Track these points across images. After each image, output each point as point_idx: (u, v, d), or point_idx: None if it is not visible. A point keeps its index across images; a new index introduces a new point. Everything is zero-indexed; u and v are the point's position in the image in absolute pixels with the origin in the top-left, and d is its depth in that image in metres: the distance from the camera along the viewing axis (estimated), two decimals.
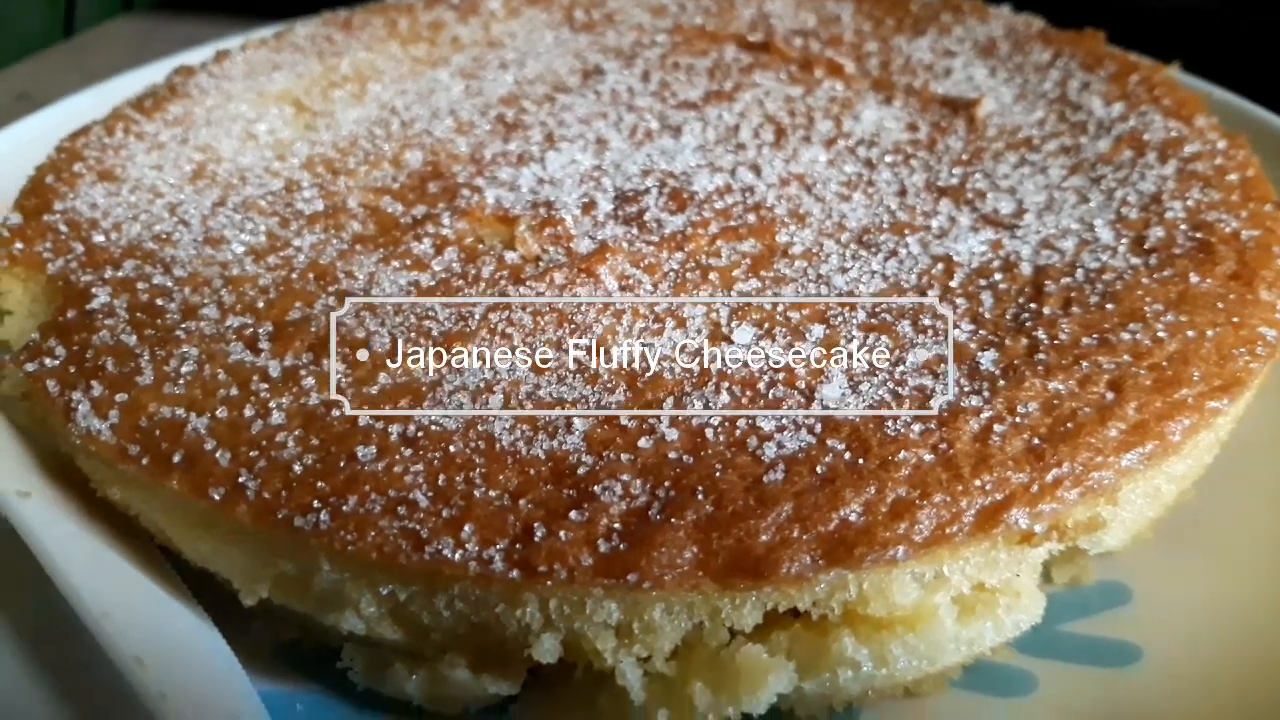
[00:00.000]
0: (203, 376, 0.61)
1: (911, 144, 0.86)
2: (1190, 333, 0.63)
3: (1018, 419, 0.57)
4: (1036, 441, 0.56)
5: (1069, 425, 0.57)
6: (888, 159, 0.83)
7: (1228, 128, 0.86)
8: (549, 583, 0.51)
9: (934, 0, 1.11)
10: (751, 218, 0.75)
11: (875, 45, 1.03)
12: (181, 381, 0.61)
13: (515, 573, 0.51)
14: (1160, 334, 0.63)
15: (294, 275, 0.69)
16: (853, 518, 0.53)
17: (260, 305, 0.66)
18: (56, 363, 0.63)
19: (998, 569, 0.56)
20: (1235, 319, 0.65)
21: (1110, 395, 0.59)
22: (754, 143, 0.86)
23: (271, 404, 0.59)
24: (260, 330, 0.64)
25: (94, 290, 0.69)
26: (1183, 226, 0.73)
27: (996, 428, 0.57)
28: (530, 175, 0.80)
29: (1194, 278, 0.68)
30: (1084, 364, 0.61)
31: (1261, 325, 0.65)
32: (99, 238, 0.74)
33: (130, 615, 0.54)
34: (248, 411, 0.59)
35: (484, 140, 0.86)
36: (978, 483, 0.54)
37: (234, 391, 0.60)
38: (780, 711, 0.60)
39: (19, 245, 0.74)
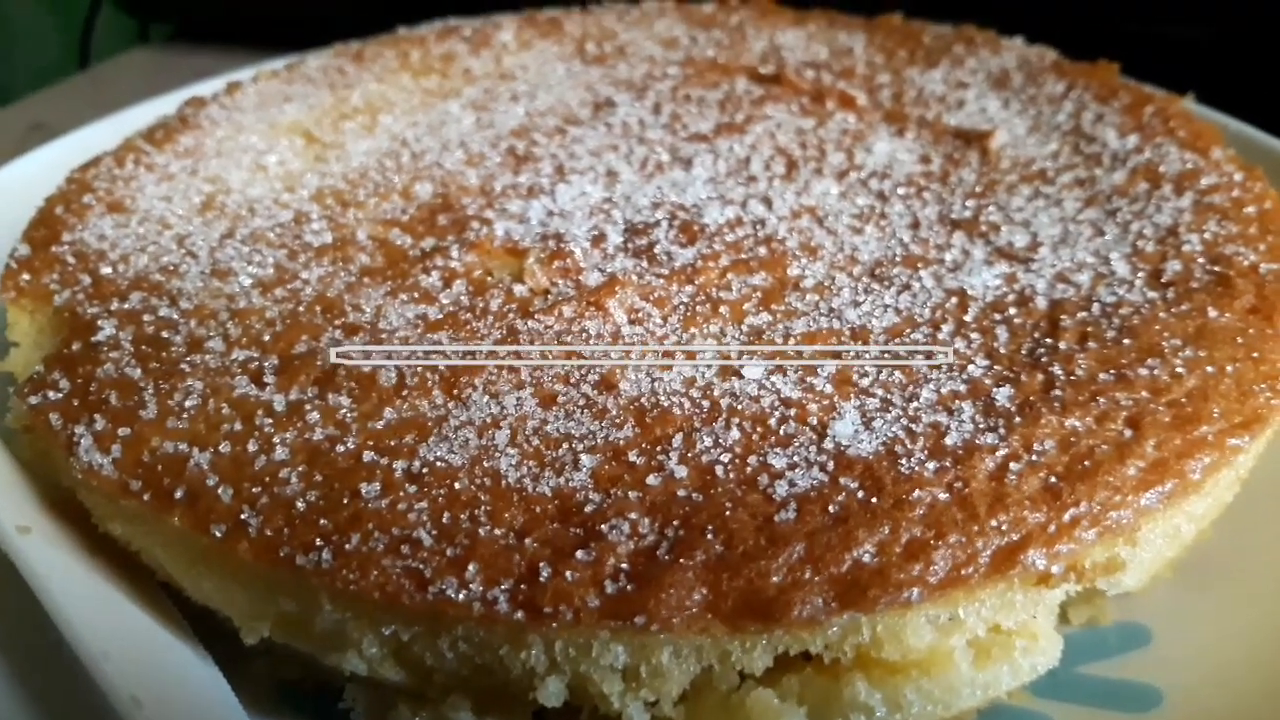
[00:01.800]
0: (206, 410, 0.61)
1: (924, 176, 0.85)
2: (1209, 368, 0.62)
3: (1034, 457, 0.56)
4: (1054, 480, 0.55)
5: (1086, 464, 0.56)
6: (900, 191, 0.83)
7: (1244, 159, 0.85)
8: (554, 624, 0.50)
9: (946, 32, 1.11)
10: (762, 250, 0.74)
11: (888, 77, 1.02)
12: (185, 416, 0.60)
13: (520, 614, 0.50)
14: (1179, 370, 0.62)
15: (300, 308, 0.68)
16: (866, 559, 0.51)
17: (266, 338, 0.65)
18: (60, 395, 0.63)
19: (1014, 611, 0.55)
20: (1255, 354, 0.64)
21: (1129, 432, 0.58)
22: (765, 175, 0.85)
23: (275, 439, 0.58)
24: (265, 364, 0.63)
25: (99, 323, 0.68)
26: (1200, 260, 0.72)
27: (1013, 466, 0.56)
28: (540, 208, 0.80)
29: (1212, 312, 0.67)
30: (1101, 400, 0.60)
31: None
32: (106, 269, 0.74)
33: (128, 653, 0.53)
34: (251, 446, 0.58)
35: (494, 172, 0.86)
36: (994, 523, 0.53)
37: (238, 426, 0.59)
38: None
39: (26, 277, 0.74)
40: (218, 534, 0.54)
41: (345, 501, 0.54)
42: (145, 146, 0.91)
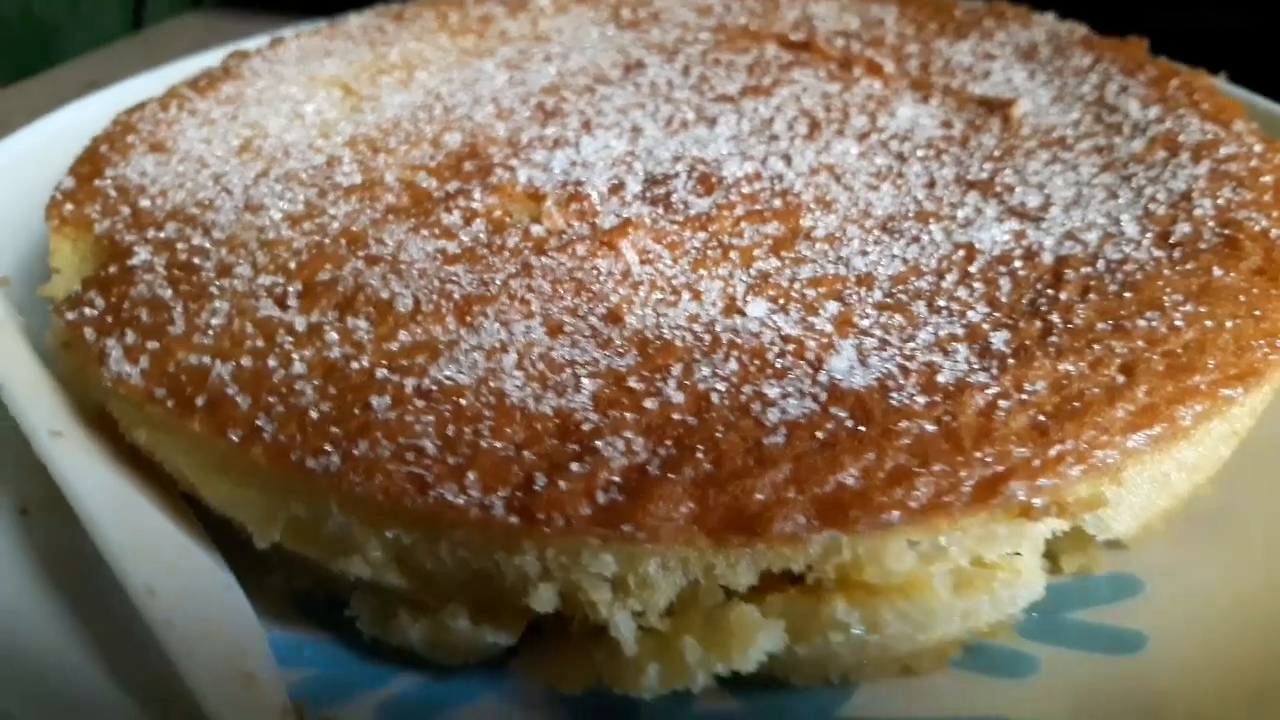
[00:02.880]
0: (231, 329, 0.63)
1: (945, 140, 0.86)
2: (1209, 323, 0.63)
3: (1024, 396, 0.57)
4: (1041, 418, 0.56)
5: (1076, 404, 0.57)
6: (919, 153, 0.84)
7: (1270, 135, 0.85)
8: (546, 530, 0.52)
9: (978, 6, 1.12)
10: (778, 203, 0.76)
11: (916, 47, 1.03)
12: (210, 332, 0.63)
13: (514, 519, 0.52)
14: (1178, 323, 0.63)
15: (326, 240, 0.71)
16: (850, 482, 0.53)
17: (291, 266, 0.68)
18: (95, 312, 0.66)
19: (997, 544, 0.56)
20: (1257, 312, 0.64)
21: (1121, 378, 0.59)
22: (787, 134, 0.87)
23: (294, 355, 0.61)
24: (290, 289, 0.66)
25: (135, 249, 0.72)
26: (1210, 223, 0.72)
27: (1002, 403, 0.57)
28: (564, 158, 0.82)
29: (1217, 271, 0.67)
30: (1097, 347, 0.61)
31: None
32: (145, 202, 0.77)
33: (146, 549, 0.56)
34: (271, 362, 0.61)
35: (522, 125, 0.88)
36: (979, 454, 0.54)
37: (260, 343, 0.62)
38: (777, 681, 0.60)
39: (70, 207, 0.78)
40: (235, 439, 0.57)
41: (356, 413, 0.57)
42: (189, 93, 0.95)
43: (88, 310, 0.66)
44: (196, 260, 0.70)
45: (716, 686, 0.59)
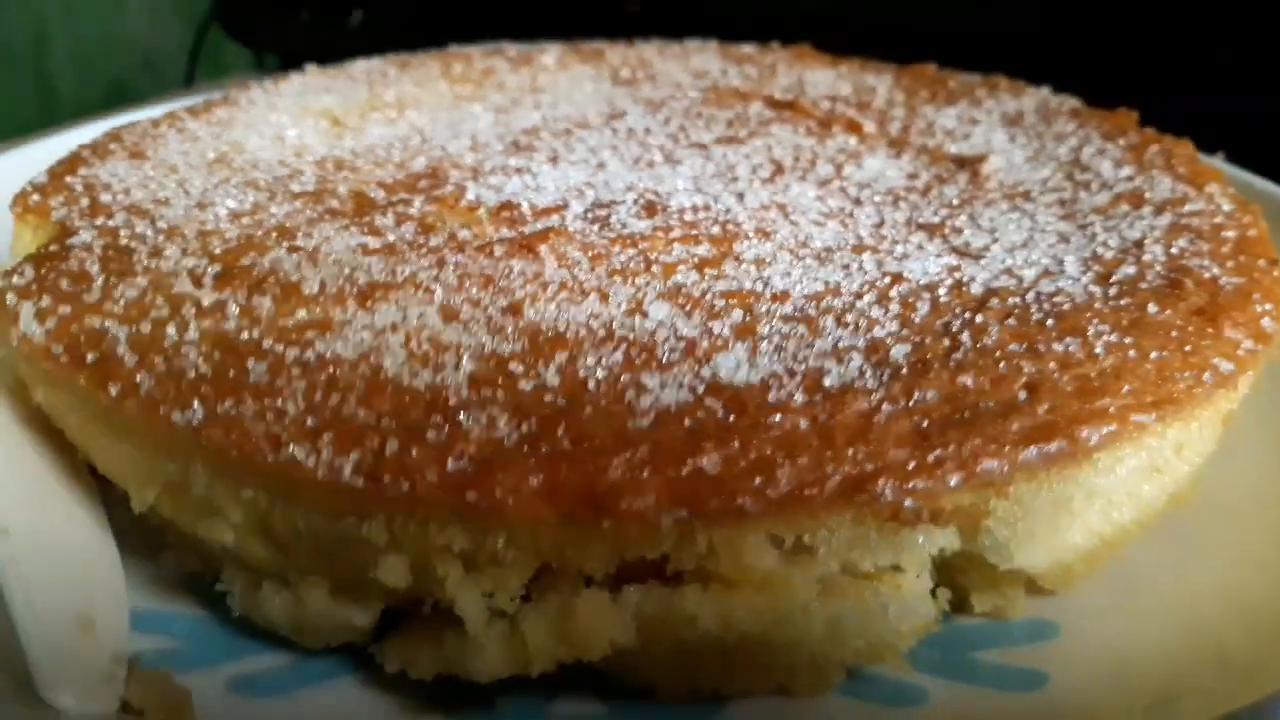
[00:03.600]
0: (143, 301, 0.64)
1: (906, 189, 0.85)
2: (1132, 353, 0.60)
3: (911, 403, 0.55)
4: (925, 424, 0.54)
5: (965, 414, 0.55)
6: (876, 199, 0.83)
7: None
8: (389, 494, 0.51)
9: (975, 79, 1.12)
10: (716, 229, 0.75)
11: (902, 111, 1.04)
12: (121, 302, 0.64)
13: (360, 481, 0.51)
14: (1097, 350, 0.60)
15: (259, 233, 0.72)
16: (708, 467, 0.51)
17: (217, 251, 0.69)
18: (22, 281, 0.68)
19: (871, 552, 0.53)
20: (1187, 347, 0.61)
21: (1024, 395, 0.56)
22: (748, 177, 0.87)
23: (191, 325, 0.61)
24: (209, 270, 0.67)
25: (81, 232, 0.74)
26: (1157, 267, 0.70)
27: (885, 408, 0.55)
28: (519, 183, 0.83)
29: (1152, 308, 0.65)
30: (1003, 365, 0.58)
31: (1217, 357, 0.61)
32: (106, 197, 0.80)
33: (14, 492, 0.56)
34: (169, 329, 0.61)
35: (491, 157, 0.90)
36: (850, 452, 0.52)
37: (164, 313, 0.63)
38: (648, 692, 0.57)
39: (36, 197, 0.81)
40: (113, 392, 0.57)
41: (231, 375, 0.57)
42: (184, 115, 0.98)
43: (16, 279, 0.68)
44: (134, 245, 0.72)
45: (583, 690, 0.57)
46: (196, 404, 0.55)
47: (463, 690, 0.56)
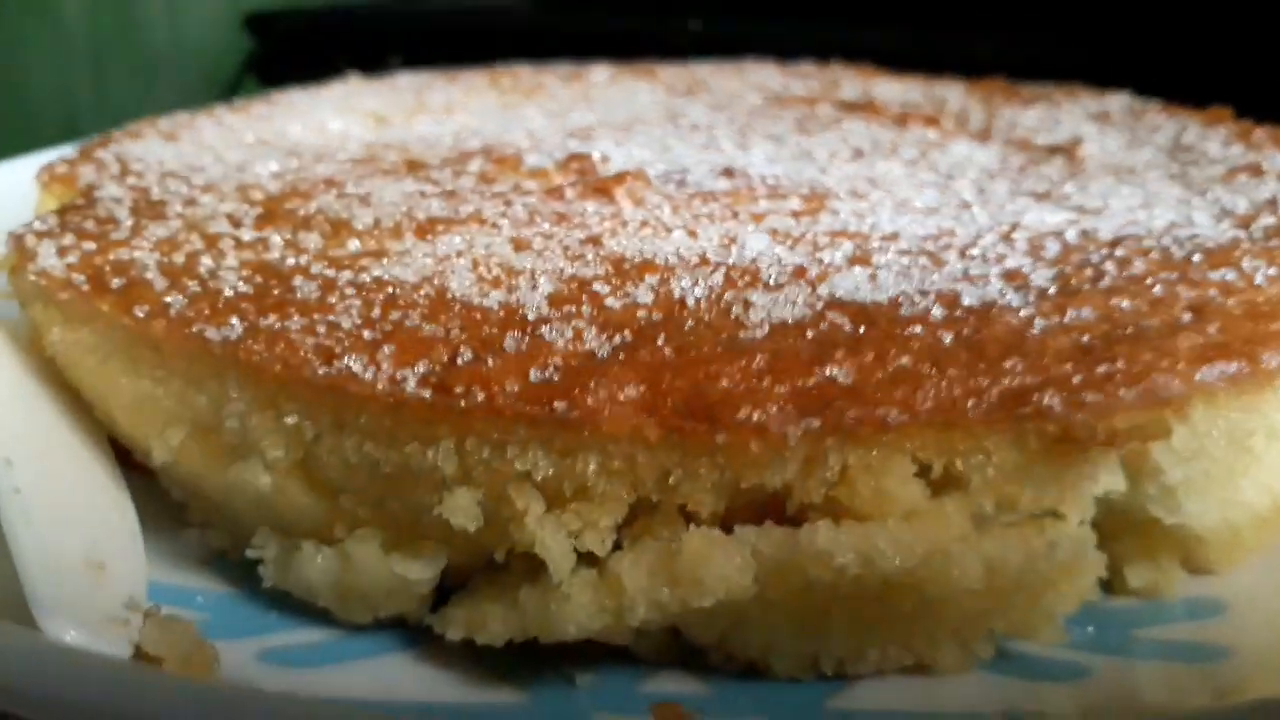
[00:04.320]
0: (176, 238, 0.58)
1: (1000, 169, 0.79)
2: None
3: (1065, 320, 0.47)
4: (1086, 339, 0.46)
5: (1128, 330, 0.47)
6: (971, 175, 0.76)
7: None
8: (463, 405, 0.43)
9: (1048, 88, 1.06)
10: (805, 190, 0.69)
11: (981, 114, 0.98)
12: (153, 238, 0.57)
13: (427, 393, 0.43)
14: (1258, 281, 0.52)
15: (304, 185, 0.66)
16: (840, 378, 0.43)
17: (259, 198, 0.63)
18: (43, 226, 0.61)
19: (1031, 485, 0.45)
20: None
21: (1188, 316, 0.48)
22: (827, 159, 0.80)
23: (231, 255, 0.55)
24: (249, 212, 0.61)
25: (110, 186, 0.67)
26: None
27: (1039, 322, 0.47)
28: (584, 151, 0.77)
29: None
30: (1158, 289, 0.51)
31: None
32: (138, 165, 0.74)
33: (22, 427, 0.49)
34: (205, 260, 0.54)
35: (550, 142, 0.84)
36: (1008, 364, 0.44)
37: (200, 246, 0.56)
38: (758, 668, 0.48)
39: (63, 168, 0.75)
40: (139, 314, 0.50)
41: (276, 293, 0.50)
42: (222, 110, 0.93)
43: (38, 224, 0.61)
44: (167, 198, 0.65)
45: (680, 670, 0.48)
46: (235, 320, 0.48)
47: (539, 667, 0.47)
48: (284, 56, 1.72)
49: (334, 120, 0.91)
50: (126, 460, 0.58)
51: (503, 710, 0.46)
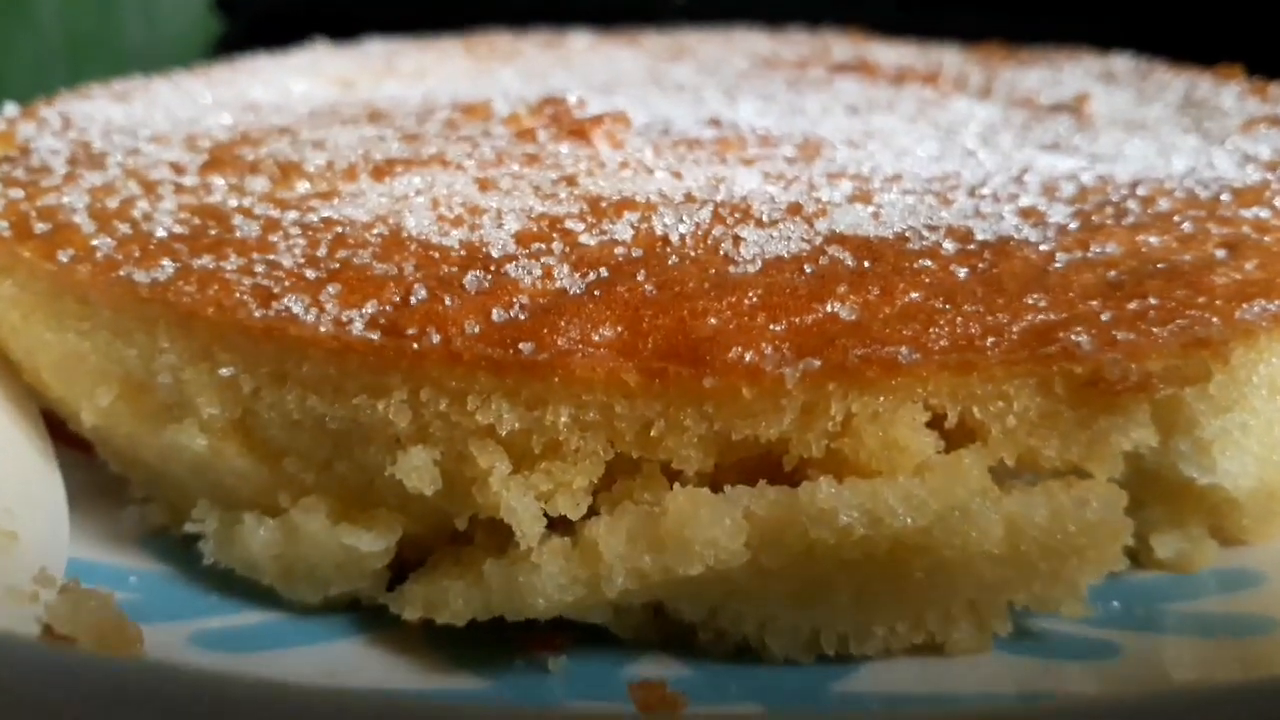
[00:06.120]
0: (112, 185, 0.52)
1: (1004, 123, 0.74)
2: None
3: (1090, 255, 0.43)
4: (1114, 274, 0.41)
5: (1160, 265, 0.42)
6: (973, 130, 0.72)
7: None
8: (416, 347, 0.38)
9: (1050, 50, 1.02)
10: (798, 139, 0.64)
11: (980, 76, 0.93)
12: (86, 185, 0.52)
13: (375, 335, 0.38)
14: None
15: (255, 131, 0.60)
16: (843, 314, 0.38)
17: (206, 145, 0.58)
18: None
19: (1055, 437, 0.40)
20: None
21: (1222, 253, 0.44)
22: (820, 114, 0.76)
23: (169, 198, 0.49)
24: (194, 160, 0.55)
25: (49, 138, 0.62)
26: None
27: (1061, 257, 0.42)
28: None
29: None
30: (1187, 225, 0.46)
31: None
32: (83, 122, 0.69)
33: None
34: (141, 204, 0.49)
35: (525, 99, 0.79)
36: (1030, 299, 0.39)
37: (137, 192, 0.51)
38: (751, 649, 0.43)
39: (2, 125, 0.69)
40: (63, 259, 0.45)
41: (212, 233, 0.44)
42: (181, 75, 0.88)
43: None
44: (108, 149, 0.60)
45: (664, 653, 0.43)
46: (166, 262, 0.43)
47: (508, 651, 0.42)
48: (254, 39, 1.66)
49: (298, 83, 0.86)
50: (63, 436, 0.53)
51: (466, 697, 0.41)
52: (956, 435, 0.39)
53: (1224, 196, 0.50)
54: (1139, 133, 0.69)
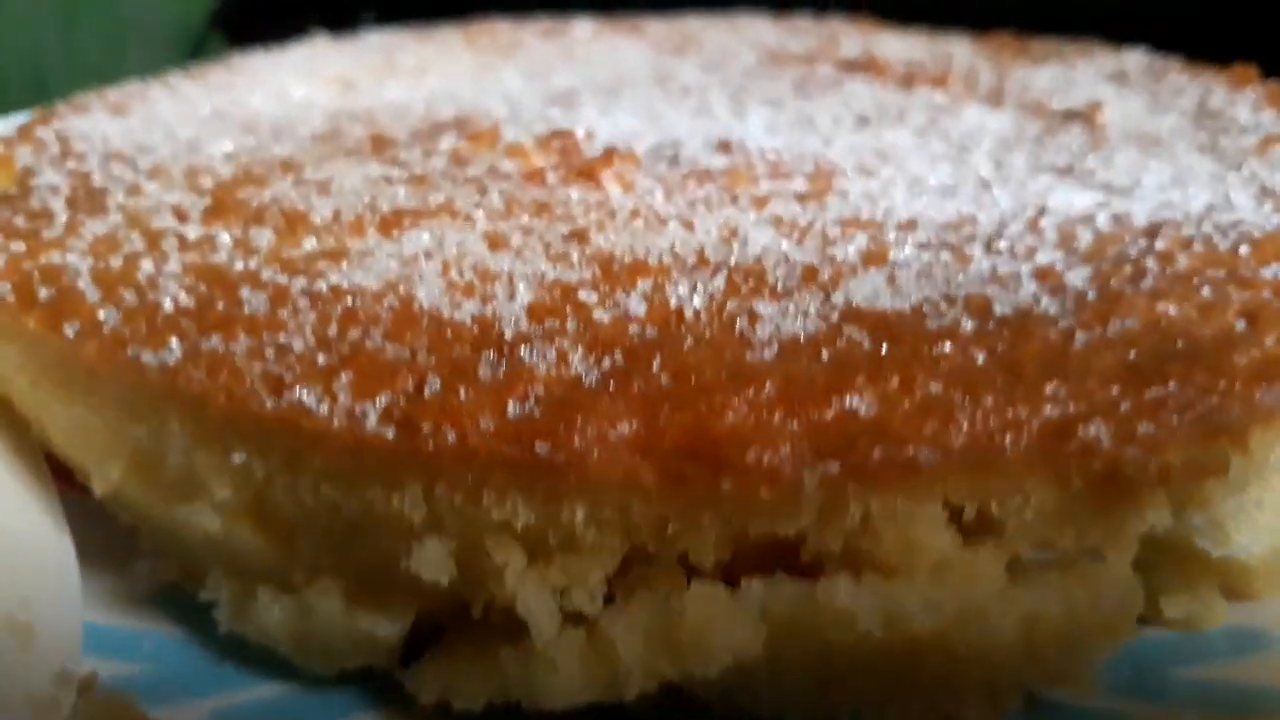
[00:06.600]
0: (115, 237, 0.52)
1: (1017, 138, 0.73)
2: None
3: (1110, 332, 0.42)
4: (1133, 355, 0.41)
5: (1180, 343, 0.41)
6: (986, 146, 0.71)
7: None
8: (432, 447, 0.37)
9: (1062, 45, 1.00)
10: (808, 166, 0.63)
11: (990, 74, 0.91)
12: (89, 238, 0.52)
13: (390, 431, 0.38)
14: None
15: (259, 169, 0.59)
16: (861, 408, 0.38)
17: (208, 186, 0.57)
18: None
19: (1072, 527, 0.40)
20: None
21: (1242, 324, 0.43)
22: (831, 127, 0.74)
23: (173, 257, 0.49)
24: (197, 204, 0.55)
25: (49, 172, 0.61)
26: None
27: (1080, 335, 0.42)
28: (567, 124, 0.71)
29: None
30: (1207, 291, 0.45)
31: None
32: (81, 145, 0.68)
33: None
34: (145, 263, 0.49)
35: (530, 108, 0.77)
36: (1049, 389, 0.39)
37: (140, 247, 0.50)
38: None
39: (0, 149, 0.68)
40: (69, 332, 0.44)
41: (220, 307, 0.44)
42: (176, 78, 0.86)
43: None
44: (108, 185, 0.59)
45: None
46: (174, 342, 0.42)
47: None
48: (250, 11, 1.63)
49: (297, 87, 0.84)
50: (68, 479, 0.52)
51: None
52: (974, 527, 0.39)
53: (1243, 249, 0.50)
54: (1154, 151, 0.68)
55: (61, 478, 0.52)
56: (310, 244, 0.49)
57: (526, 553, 0.39)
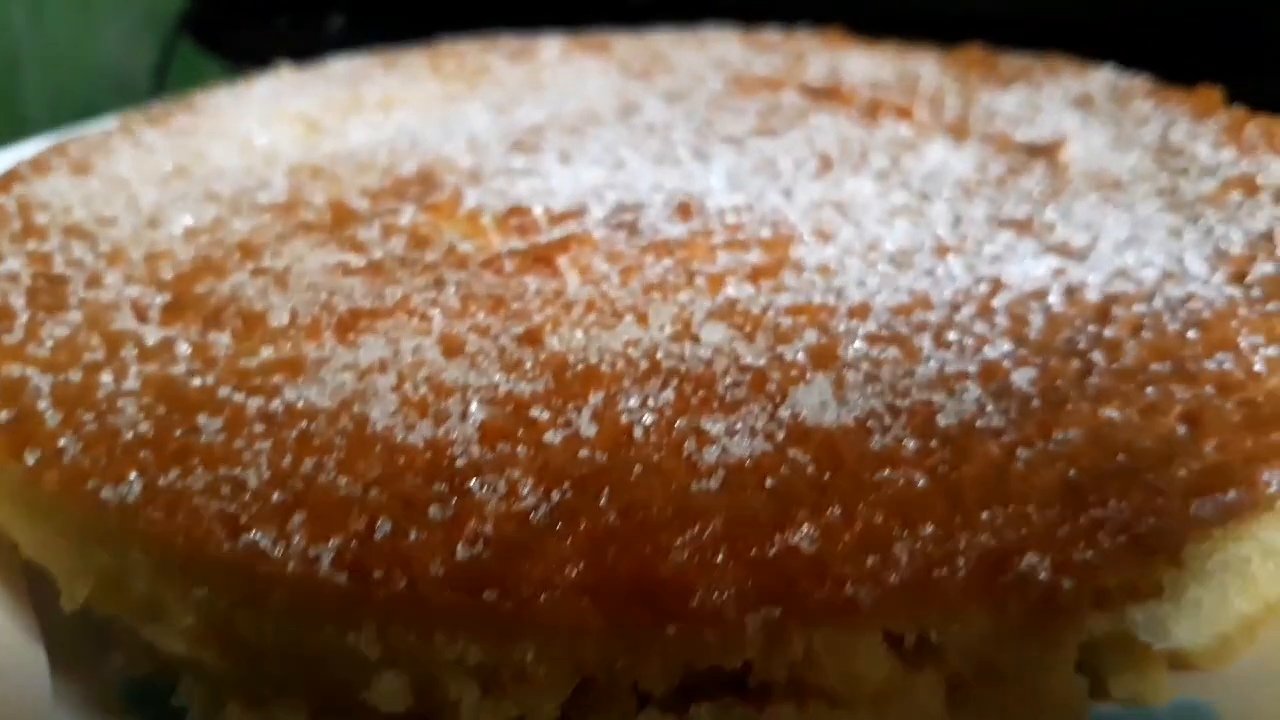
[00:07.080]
0: (75, 341, 0.52)
1: (978, 182, 0.73)
2: None
3: (1051, 446, 0.43)
4: (1073, 474, 0.42)
5: (1121, 458, 0.42)
6: (945, 193, 0.71)
7: None
8: (383, 595, 0.38)
9: (1028, 60, 1.00)
10: (766, 232, 0.63)
11: (956, 98, 0.91)
12: (49, 344, 0.52)
13: (343, 577, 0.39)
14: (1257, 368, 0.48)
15: (218, 252, 0.60)
16: (804, 545, 0.39)
17: (168, 277, 0.57)
18: None
19: (1012, 646, 0.41)
20: None
21: (1183, 429, 0.44)
22: (793, 172, 0.75)
23: (133, 369, 0.49)
24: (156, 300, 0.55)
25: (9, 259, 0.61)
26: None
27: (1021, 453, 0.43)
28: (527, 186, 0.71)
29: None
30: (1150, 390, 0.46)
31: None
32: (42, 218, 0.68)
33: None
34: (104, 376, 0.49)
35: (492, 158, 0.78)
36: (985, 516, 0.40)
37: (100, 356, 0.51)
38: None
39: None
40: (30, 461, 0.45)
41: (178, 434, 0.45)
42: (139, 124, 0.86)
43: None
44: (70, 272, 0.60)
45: None
46: (133, 476, 0.43)
47: None
48: (220, 14, 1.61)
49: (260, 134, 0.84)
50: None
51: None
52: (915, 651, 0.40)
53: (1190, 334, 0.51)
54: (1114, 198, 0.69)
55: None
56: (267, 352, 0.50)
57: (480, 685, 0.40)
